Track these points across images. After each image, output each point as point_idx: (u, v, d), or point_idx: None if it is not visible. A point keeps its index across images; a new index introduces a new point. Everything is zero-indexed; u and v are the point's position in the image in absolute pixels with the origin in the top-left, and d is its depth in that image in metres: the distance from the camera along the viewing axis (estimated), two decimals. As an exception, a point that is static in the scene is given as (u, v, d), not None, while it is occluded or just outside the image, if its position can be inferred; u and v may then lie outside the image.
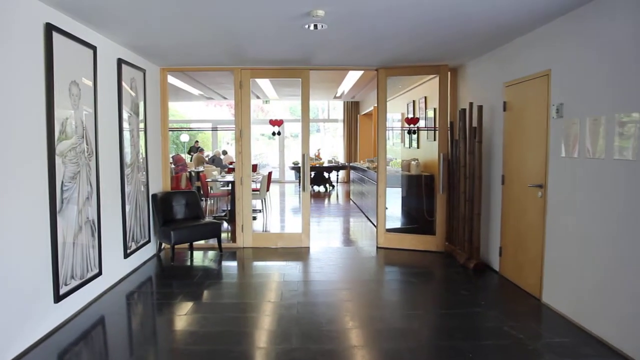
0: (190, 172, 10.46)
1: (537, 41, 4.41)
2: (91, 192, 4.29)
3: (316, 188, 14.38)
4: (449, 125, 6.26)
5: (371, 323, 3.99)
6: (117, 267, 4.95)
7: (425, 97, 8.08)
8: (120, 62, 4.98)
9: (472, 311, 4.17)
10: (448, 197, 6.29)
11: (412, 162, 7.86)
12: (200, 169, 12.67)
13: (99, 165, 4.46)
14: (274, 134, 6.59)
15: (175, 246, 5.93)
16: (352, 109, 16.47)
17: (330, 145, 20.27)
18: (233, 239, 6.79)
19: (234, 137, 16.22)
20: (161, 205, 6.09)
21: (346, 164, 15.26)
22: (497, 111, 5.28)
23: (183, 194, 6.48)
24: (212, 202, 10.39)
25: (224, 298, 4.59)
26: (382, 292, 4.86)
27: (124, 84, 5.07)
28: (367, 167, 9.71)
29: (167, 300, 4.57)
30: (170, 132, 24.10)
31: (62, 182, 3.77)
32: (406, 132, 8.68)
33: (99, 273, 4.46)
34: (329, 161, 14.74)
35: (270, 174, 10.23)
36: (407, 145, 9.56)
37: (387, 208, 6.64)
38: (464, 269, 5.50)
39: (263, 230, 8.23)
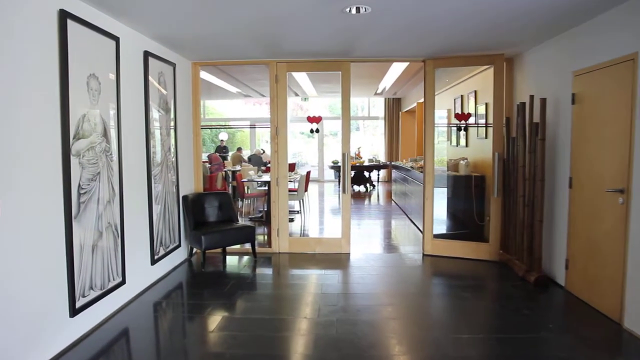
0: (226, 172, 10.17)
1: (619, 20, 3.76)
2: (113, 194, 3.97)
3: (356, 188, 13.87)
4: (504, 122, 5.62)
5: (420, 348, 3.47)
6: (143, 275, 4.63)
7: (476, 91, 7.44)
8: (146, 55, 4.65)
9: (539, 337, 3.58)
10: (503, 200, 5.66)
11: (461, 162, 7.24)
12: (238, 168, 12.43)
13: (123, 165, 4.13)
14: (312, 131, 6.15)
15: (207, 251, 5.59)
16: (393, 106, 15.86)
17: (370, 143, 19.70)
18: (268, 243, 6.39)
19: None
20: (192, 207, 5.76)
21: (387, 163, 14.68)
22: (563, 104, 4.63)
23: (215, 196, 6.14)
24: (248, 202, 10.08)
25: (256, 312, 4.17)
26: (431, 309, 4.32)
27: (151, 78, 4.74)
28: (411, 167, 9.13)
29: (194, 313, 4.20)
30: (209, 131, 24.20)
31: (79, 184, 3.44)
32: (455, 129, 8.06)
33: (123, 282, 4.14)
34: (370, 160, 14.20)
35: (308, 173, 9.82)
36: (454, 143, 8.92)
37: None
38: (523, 283, 4.88)
39: (301, 234, 7.81)
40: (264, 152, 15.11)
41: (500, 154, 5.56)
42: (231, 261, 5.88)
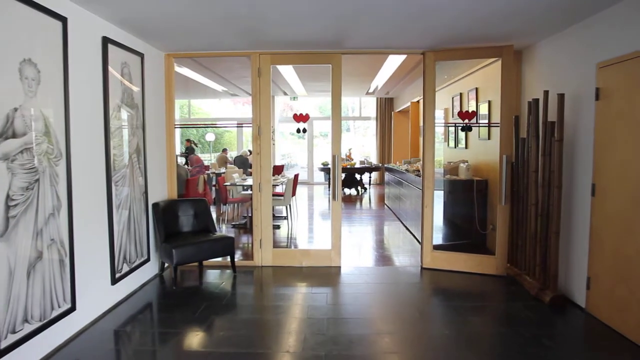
0: (208, 175, 9.51)
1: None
2: (59, 205, 3.31)
3: (347, 191, 13.28)
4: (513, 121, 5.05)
5: (427, 393, 2.87)
6: (100, 298, 3.98)
7: (477, 89, 6.88)
8: (106, 41, 4.00)
9: (567, 376, 3.00)
10: (511, 209, 5.08)
11: (462, 165, 6.67)
12: (222, 170, 11.78)
13: (72, 170, 3.48)
14: (299, 131, 5.53)
15: (181, 266, 4.96)
16: (385, 105, 15.30)
17: (360, 145, 19.13)
18: (251, 255, 5.75)
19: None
20: (163, 216, 5.12)
21: (379, 165, 14.10)
22: (584, 101, 4.06)
23: (191, 203, 5.49)
24: (232, 207, 9.43)
25: (229, 345, 3.52)
26: (435, 339, 3.71)
27: (111, 69, 4.10)
28: (406, 170, 8.54)
29: (154, 346, 3.56)
30: (195, 131, 23.45)
31: (8, 194, 2.79)
32: (454, 129, 7.49)
33: (72, 308, 3.49)
34: (361, 162, 13.61)
35: (296, 176, 9.20)
36: (451, 144, 8.36)
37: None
38: (536, 303, 4.30)
39: (287, 243, 7.18)
40: (250, 153, 14.47)
41: (508, 157, 4.98)
42: (208, 276, 5.24)
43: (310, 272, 5.34)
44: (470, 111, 5.44)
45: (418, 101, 11.85)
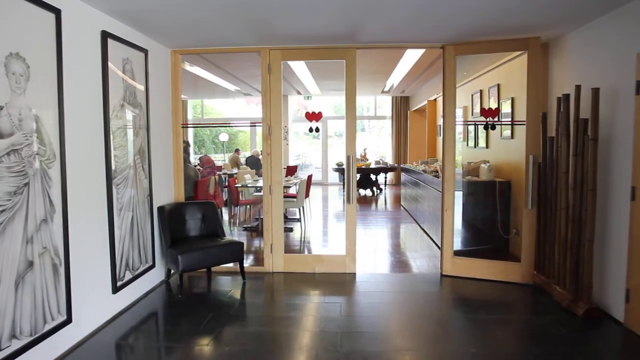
0: (219, 176, 9.29)
1: None
2: (52, 210, 3.09)
3: (362, 192, 12.97)
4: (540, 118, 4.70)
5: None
6: (99, 308, 3.75)
7: (498, 85, 6.53)
8: (105, 35, 3.77)
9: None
10: (538, 212, 4.74)
11: (483, 165, 6.33)
12: (235, 171, 11.58)
13: (68, 173, 3.26)
14: (311, 130, 5.26)
15: (188, 273, 4.72)
16: (401, 104, 14.96)
17: (375, 144, 18.79)
18: (261, 261, 5.50)
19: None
20: (169, 220, 4.88)
21: (395, 165, 13.76)
22: (622, 95, 3.71)
23: (199, 206, 5.25)
24: (243, 209, 9.20)
25: None
26: (461, 357, 3.40)
27: (112, 65, 3.87)
28: (423, 170, 8.21)
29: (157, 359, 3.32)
30: (208, 131, 23.36)
31: (-7, 200, 2.57)
32: (473, 128, 7.15)
33: (68, 320, 3.26)
34: (376, 162, 13.28)
35: (310, 177, 8.93)
36: (471, 144, 8.01)
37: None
38: (568, 315, 3.96)
39: (300, 247, 6.92)
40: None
41: (535, 157, 4.64)
42: (216, 283, 5.00)
43: (324, 279, 5.06)
44: (493, 108, 5.09)
45: (435, 99, 11.50)
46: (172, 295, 4.61)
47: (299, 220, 8.47)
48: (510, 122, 5.59)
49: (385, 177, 14.42)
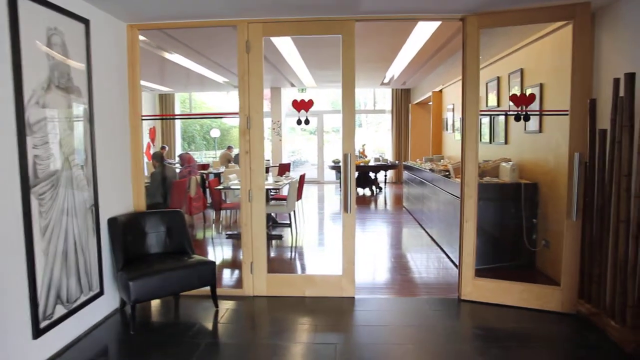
0: (202, 176, 8.30)
1: None
2: None
3: (360, 191, 12.02)
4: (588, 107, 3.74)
5: None
6: (9, 362, 2.79)
7: (522, 70, 5.56)
8: (15, -6, 2.79)
9: None
10: (583, 225, 3.78)
11: (504, 164, 5.38)
12: (222, 169, 10.61)
13: (-55, 182, 2.28)
14: (299, 122, 4.30)
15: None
16: (402, 97, 14.00)
17: (372, 140, 17.84)
18: (240, 281, 4.53)
19: (270, 132, 14.08)
20: (124, 235, 3.92)
21: (396, 162, 12.80)
22: None
23: (163, 216, 4.27)
24: (228, 213, 8.23)
25: None
26: None
27: (27, 35, 2.88)
28: (430, 169, 7.24)
29: None
30: (198, 127, 22.30)
31: None
32: (496, 119, 6.17)
33: (-53, 392, 2.30)
34: (376, 159, 12.33)
35: (302, 177, 7.96)
36: (485, 139, 7.05)
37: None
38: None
39: (289, 258, 5.97)
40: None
41: (582, 155, 3.68)
42: (182, 312, 4.03)
43: (315, 306, 4.11)
44: (527, 94, 4.13)
45: (441, 90, 10.54)
46: (127, 329, 3.65)
47: (289, 225, 7.52)
48: (551, 112, 4.60)
49: (385, 175, 13.48)
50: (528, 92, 5.27)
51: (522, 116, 4.00)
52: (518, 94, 4.50)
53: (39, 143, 2.99)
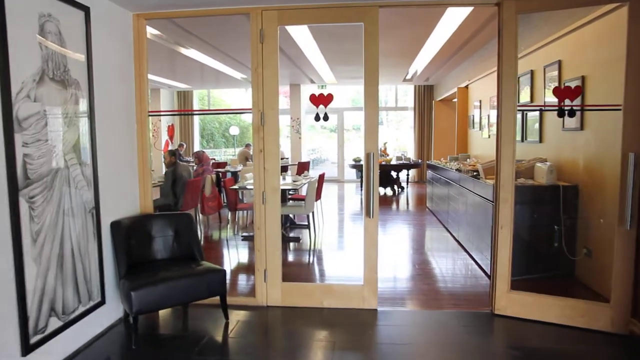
0: (217, 174, 8.03)
1: None
2: None
3: (382, 190, 11.62)
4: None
5: None
6: (-7, 384, 2.52)
7: (560, 62, 5.11)
8: (-1, -26, 2.50)
9: None
10: (638, 233, 3.35)
11: (540, 165, 4.95)
12: (240, 167, 10.36)
13: None
14: (317, 118, 3.96)
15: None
16: (424, 94, 13.55)
17: (394, 138, 17.40)
18: (252, 291, 4.21)
19: (289, 129, 13.74)
20: (128, 239, 3.64)
21: (419, 161, 12.37)
22: None
23: (171, 219, 3.98)
24: (244, 214, 7.95)
25: None
26: None
27: (15, 21, 2.60)
28: (457, 169, 6.82)
29: None
30: (217, 124, 22.15)
31: None
32: (528, 116, 5.72)
33: None
34: (398, 158, 11.92)
35: (322, 176, 7.63)
36: (517, 137, 6.57)
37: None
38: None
39: (308, 260, 5.65)
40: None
41: (637, 156, 3.25)
42: (190, 322, 3.74)
43: (334, 319, 3.76)
44: (573, 87, 3.71)
45: (467, 86, 10.08)
46: (128, 342, 3.37)
47: (307, 227, 7.19)
48: (601, 107, 4.13)
49: (408, 175, 13.07)
50: (570, 85, 4.82)
51: (566, 111, 3.58)
52: (562, 87, 4.05)
53: (29, 141, 2.71)
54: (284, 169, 10.99)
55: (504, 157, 3.67)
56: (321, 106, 3.98)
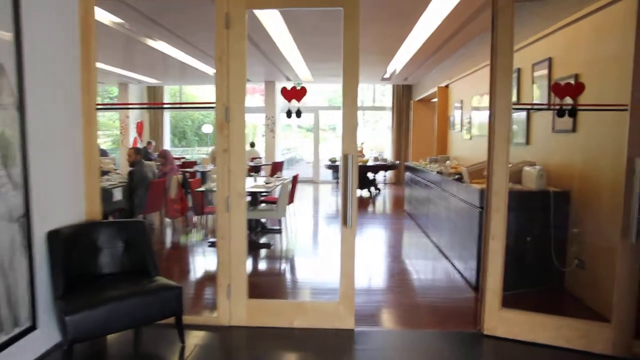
0: (184, 175, 7.52)
1: None
2: None
3: (358, 192, 11.24)
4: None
5: None
6: None
7: (550, 60, 4.81)
8: None
9: None
10: (641, 247, 3.03)
11: (528, 169, 4.63)
12: (210, 167, 9.85)
13: None
14: (289, 114, 3.54)
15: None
16: (403, 94, 13.26)
17: (371, 138, 17.08)
18: (215, 307, 3.74)
19: (265, 128, 13.25)
20: (68, 251, 3.13)
21: (396, 162, 12.06)
22: None
23: (120, 227, 3.48)
24: (211, 218, 7.44)
25: None
26: None
27: None
28: (438, 172, 6.48)
29: None
30: (190, 122, 21.48)
31: None
32: (533, 115, 5.37)
33: None
34: (375, 159, 11.58)
35: (295, 178, 7.21)
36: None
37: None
38: None
39: (278, 271, 5.21)
40: (253, 145, 12.46)
41: (645, 161, 2.92)
42: (142, 346, 3.26)
43: (306, 341, 3.33)
44: (574, 83, 3.37)
45: (447, 86, 9.79)
46: (64, 373, 2.88)
47: (279, 231, 6.76)
48: (605, 107, 3.77)
49: (385, 176, 12.75)
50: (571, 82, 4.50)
51: (567, 111, 3.23)
52: (562, 83, 3.70)
53: None
54: (258, 169, 10.52)
55: (496, 161, 3.30)
56: (294, 101, 3.55)
